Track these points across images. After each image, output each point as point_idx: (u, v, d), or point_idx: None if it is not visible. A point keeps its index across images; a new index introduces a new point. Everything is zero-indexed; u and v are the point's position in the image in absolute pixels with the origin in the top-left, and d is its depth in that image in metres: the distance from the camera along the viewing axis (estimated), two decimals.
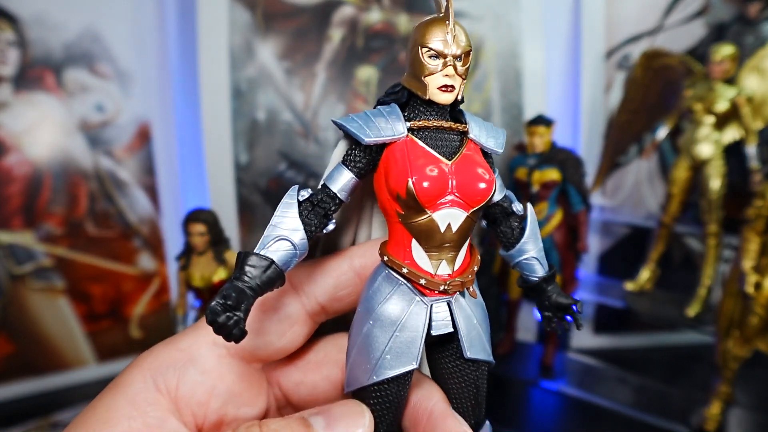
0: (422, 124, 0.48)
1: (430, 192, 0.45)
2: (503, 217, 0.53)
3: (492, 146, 0.50)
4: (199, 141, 1.72)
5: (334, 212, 0.49)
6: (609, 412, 1.49)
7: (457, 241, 0.47)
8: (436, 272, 0.47)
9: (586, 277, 1.86)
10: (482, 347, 0.49)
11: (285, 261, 0.46)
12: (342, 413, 0.45)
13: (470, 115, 0.50)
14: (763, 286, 1.22)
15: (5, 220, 1.58)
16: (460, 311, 0.48)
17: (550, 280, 0.53)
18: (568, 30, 1.95)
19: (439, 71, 0.47)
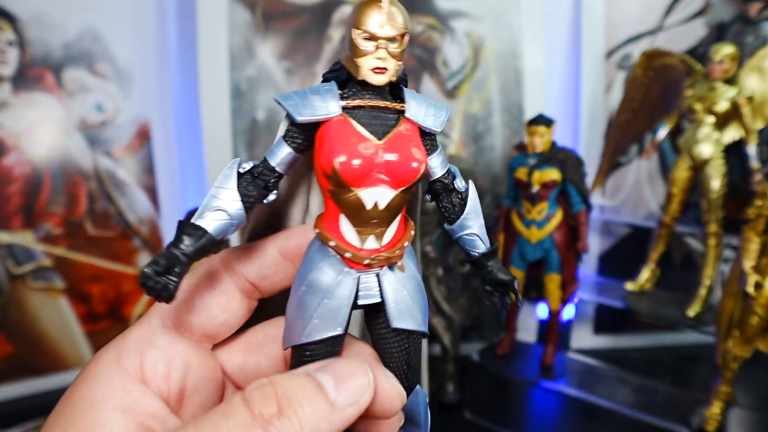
0: (357, 103, 0.48)
1: (354, 172, 0.46)
2: (445, 193, 0.55)
3: (430, 125, 0.50)
4: (199, 141, 1.72)
5: (274, 184, 0.51)
6: (609, 412, 1.49)
7: (384, 217, 0.49)
8: (362, 246, 0.49)
9: (586, 277, 1.86)
10: (411, 318, 0.51)
11: (220, 230, 0.49)
12: (348, 373, 0.46)
13: (412, 94, 0.50)
14: (764, 286, 1.22)
15: (4, 220, 1.58)
16: (389, 283, 0.50)
17: (491, 255, 0.55)
18: (568, 30, 1.95)
19: (372, 53, 0.47)
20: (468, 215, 0.54)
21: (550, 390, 1.59)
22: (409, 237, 0.51)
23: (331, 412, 0.43)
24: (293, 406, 0.42)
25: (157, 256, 0.47)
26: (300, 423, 0.41)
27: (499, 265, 0.55)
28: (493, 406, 1.64)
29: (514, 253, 1.58)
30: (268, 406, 0.41)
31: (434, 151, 0.52)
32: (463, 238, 0.55)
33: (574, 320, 1.88)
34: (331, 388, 0.44)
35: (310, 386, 0.44)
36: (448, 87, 1.86)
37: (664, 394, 1.54)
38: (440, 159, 0.53)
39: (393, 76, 0.48)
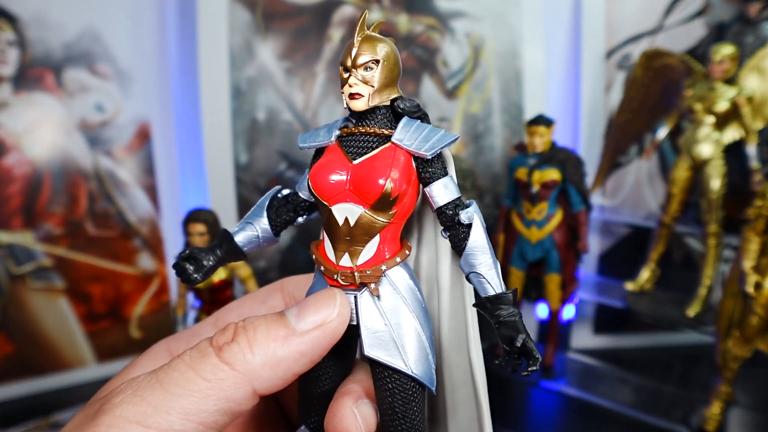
0: (348, 131, 0.53)
1: (322, 185, 0.51)
2: (452, 226, 0.52)
3: (418, 149, 0.51)
4: (199, 141, 1.72)
5: (303, 208, 0.58)
6: (609, 412, 1.49)
7: (357, 235, 0.51)
8: (338, 263, 0.52)
9: (586, 277, 1.86)
10: (387, 351, 0.50)
11: (246, 241, 0.57)
12: (313, 300, 0.48)
13: (409, 122, 0.53)
14: (764, 286, 1.22)
15: (5, 219, 1.58)
16: (366, 307, 0.52)
17: (497, 301, 0.49)
18: (568, 30, 1.95)
19: (347, 82, 0.51)
20: (470, 252, 0.50)
21: (550, 390, 1.59)
22: (392, 263, 0.52)
23: (288, 336, 0.45)
24: (246, 333, 0.45)
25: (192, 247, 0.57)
26: (250, 346, 0.44)
27: (510, 316, 0.49)
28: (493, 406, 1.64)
29: (514, 253, 1.58)
30: (224, 336, 0.45)
31: (435, 179, 0.52)
32: (470, 277, 0.51)
33: (574, 320, 1.88)
34: (293, 316, 0.46)
35: (271, 317, 0.47)
36: (448, 87, 1.86)
37: (663, 394, 1.54)
38: (443, 188, 0.52)
39: (370, 101, 0.51)
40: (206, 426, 0.42)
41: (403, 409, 0.51)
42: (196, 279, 0.56)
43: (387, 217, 0.51)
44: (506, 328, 0.49)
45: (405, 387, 0.51)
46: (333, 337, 0.47)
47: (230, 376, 0.43)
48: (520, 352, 0.48)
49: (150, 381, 0.43)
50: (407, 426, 0.51)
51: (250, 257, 1.75)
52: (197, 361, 0.43)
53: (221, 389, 0.42)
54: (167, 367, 0.44)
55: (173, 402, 0.41)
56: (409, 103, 0.53)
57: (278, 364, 0.44)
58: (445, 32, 1.84)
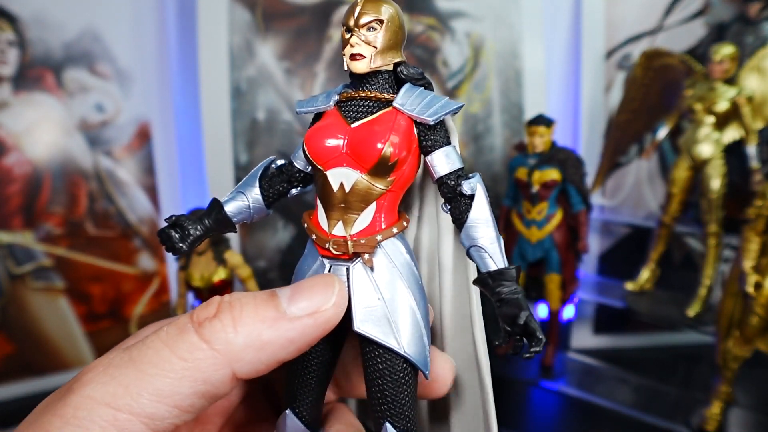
0: (348, 95, 0.51)
1: (317, 149, 0.49)
2: (454, 198, 0.50)
3: (420, 114, 0.48)
4: (199, 141, 1.72)
5: (298, 179, 0.55)
6: (609, 412, 1.49)
7: (352, 202, 0.49)
8: (330, 231, 0.49)
9: (586, 277, 1.86)
10: (380, 328, 0.47)
11: (236, 211, 0.55)
12: (310, 284, 0.44)
13: (412, 88, 0.51)
14: (764, 286, 1.22)
15: (5, 220, 1.58)
16: (359, 279, 0.48)
17: (500, 277, 0.46)
18: (568, 30, 1.95)
19: (348, 42, 0.49)
20: (472, 224, 0.47)
21: (550, 390, 1.59)
22: (389, 233, 0.49)
23: (278, 319, 0.41)
24: (231, 310, 0.41)
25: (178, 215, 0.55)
26: (233, 324, 0.40)
27: (513, 294, 0.45)
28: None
29: (514, 253, 1.58)
30: (207, 311, 0.41)
31: (437, 148, 0.49)
32: (471, 252, 0.48)
33: (574, 320, 1.88)
34: (285, 298, 0.43)
35: (261, 296, 0.43)
36: (448, 87, 1.86)
37: (663, 394, 1.54)
38: (445, 157, 0.50)
39: (372, 62, 0.49)
40: (181, 409, 0.39)
41: (393, 392, 0.48)
42: (181, 248, 0.53)
43: (384, 184, 0.48)
44: (508, 305, 0.45)
45: (396, 368, 0.48)
46: (325, 327, 0.43)
47: (209, 356, 0.39)
48: (522, 332, 0.44)
49: (122, 359, 0.39)
50: (396, 410, 0.48)
51: (250, 257, 1.75)
52: (174, 338, 0.39)
53: (198, 370, 0.38)
54: (141, 343, 0.40)
55: (145, 383, 0.38)
56: (413, 70, 0.51)
57: (262, 348, 0.40)
58: (445, 32, 1.84)
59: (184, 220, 0.54)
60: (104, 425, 0.37)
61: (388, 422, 0.48)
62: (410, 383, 0.49)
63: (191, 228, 0.54)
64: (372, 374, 0.48)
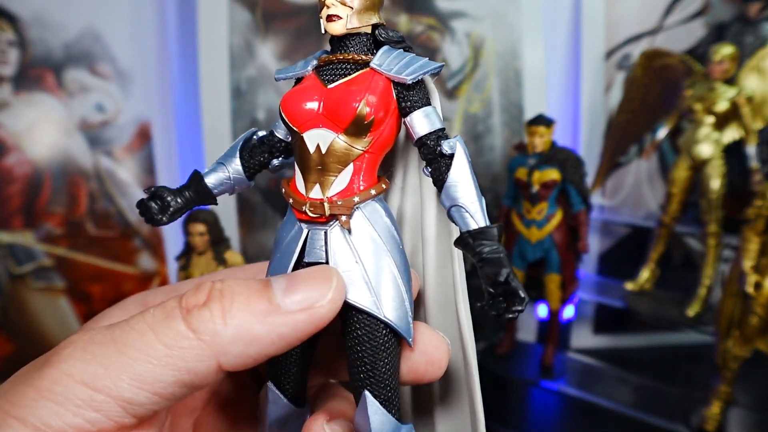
0: (326, 58, 0.51)
1: (293, 111, 0.49)
2: (434, 159, 0.48)
3: (398, 73, 0.48)
4: (199, 141, 1.72)
5: (279, 149, 0.55)
6: (609, 412, 1.49)
7: (329, 164, 0.48)
8: (307, 195, 0.49)
9: (586, 277, 1.86)
10: (359, 292, 0.45)
11: (217, 182, 0.55)
12: (307, 276, 0.42)
13: (390, 50, 0.50)
14: (763, 286, 1.22)
15: (5, 220, 1.58)
16: (336, 242, 0.47)
17: (480, 236, 0.44)
18: (568, 30, 1.95)
19: (324, 4, 0.49)
20: (453, 183, 0.46)
21: (549, 390, 1.59)
22: (366, 195, 0.48)
23: (270, 312, 0.39)
24: (221, 299, 0.39)
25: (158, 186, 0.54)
26: (222, 315, 0.38)
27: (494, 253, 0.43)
28: (493, 405, 1.64)
29: (514, 253, 1.58)
30: (196, 298, 0.39)
31: (415, 109, 0.49)
32: (452, 212, 0.46)
33: (574, 320, 1.88)
34: (279, 290, 0.40)
35: (254, 285, 0.40)
36: (448, 87, 1.86)
37: (663, 394, 1.54)
38: (424, 118, 0.49)
39: (348, 22, 0.49)
40: (161, 397, 0.37)
41: (372, 359, 0.46)
42: (160, 219, 0.52)
43: (362, 144, 0.48)
44: (489, 265, 0.43)
45: (376, 334, 0.46)
46: (319, 324, 0.41)
47: (194, 345, 0.37)
48: (504, 291, 0.42)
49: (105, 337, 0.38)
50: (376, 378, 0.46)
51: (250, 257, 1.75)
52: (160, 323, 0.38)
53: (182, 359, 0.37)
54: (126, 324, 0.38)
55: (126, 366, 0.36)
56: (392, 33, 0.51)
57: (251, 342, 0.38)
58: (445, 32, 1.84)
59: (164, 191, 0.53)
60: (80, 404, 0.36)
61: (368, 390, 0.46)
62: (391, 351, 0.47)
63: (171, 200, 0.53)
64: (351, 341, 0.47)
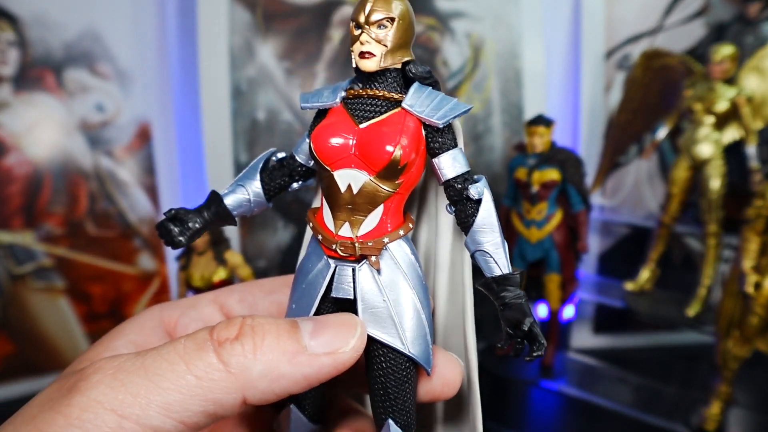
0: (355, 92, 0.50)
1: (325, 149, 0.48)
2: (460, 201, 0.50)
3: (429, 116, 0.48)
4: (199, 141, 1.72)
5: (299, 174, 0.55)
6: (609, 412, 1.49)
7: (360, 204, 0.48)
8: (337, 232, 0.49)
9: (586, 277, 1.86)
10: (385, 329, 0.47)
11: (237, 204, 0.54)
12: (333, 322, 0.44)
13: (421, 88, 0.50)
14: (763, 286, 1.22)
15: (5, 220, 1.58)
16: (365, 280, 0.49)
17: (503, 282, 0.47)
18: (568, 30, 1.95)
19: (358, 39, 0.48)
20: (479, 228, 0.48)
21: (549, 390, 1.59)
22: (395, 235, 0.49)
23: (298, 353, 0.41)
24: (253, 335, 0.40)
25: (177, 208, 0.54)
26: (254, 351, 0.40)
27: (516, 298, 0.46)
28: (493, 405, 1.64)
29: (514, 254, 1.58)
30: (228, 331, 0.41)
31: (444, 151, 0.50)
32: (476, 256, 0.49)
33: (573, 320, 1.88)
34: (307, 332, 0.42)
35: (284, 325, 0.42)
36: (448, 87, 1.86)
37: (663, 394, 1.54)
38: (452, 161, 0.50)
39: (382, 61, 0.48)
40: (186, 425, 0.38)
41: (396, 390, 0.48)
42: (180, 242, 0.52)
43: (392, 187, 0.48)
44: (511, 310, 0.46)
45: (401, 367, 0.48)
46: (341, 368, 0.43)
47: (224, 378, 0.39)
48: (525, 336, 0.45)
49: (134, 365, 0.39)
50: (399, 407, 0.49)
51: (250, 257, 1.75)
52: (192, 354, 0.39)
53: (211, 390, 0.38)
54: (156, 352, 0.39)
55: (156, 395, 0.37)
56: (421, 69, 0.51)
57: (278, 380, 0.40)
58: (445, 32, 1.84)
59: (184, 214, 0.53)
60: (108, 430, 0.36)
61: (391, 419, 0.48)
62: (412, 380, 0.50)
63: (190, 221, 0.53)
64: (376, 372, 0.49)
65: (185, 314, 0.53)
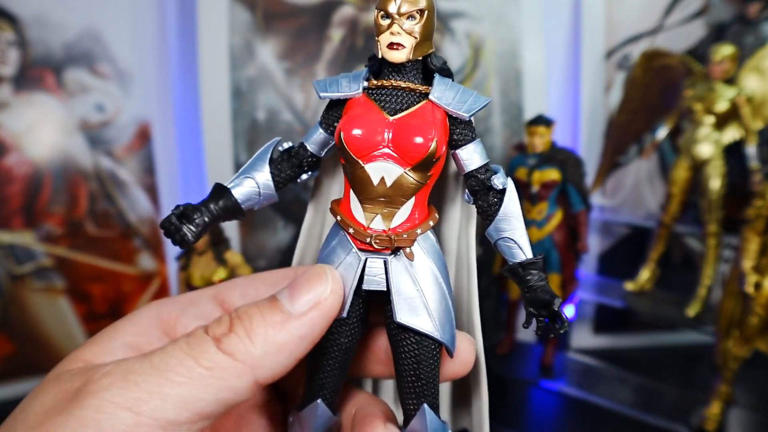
0: (379, 83, 0.50)
1: (358, 141, 0.48)
2: (482, 191, 0.52)
3: (456, 109, 0.49)
4: (199, 141, 1.72)
5: (309, 164, 0.54)
6: (609, 412, 1.49)
7: (393, 196, 0.49)
8: (369, 225, 0.49)
9: (586, 277, 1.86)
10: (419, 317, 0.49)
11: (246, 197, 0.53)
12: (304, 279, 0.46)
13: (443, 80, 0.51)
14: (763, 286, 1.22)
15: (5, 220, 1.58)
16: (398, 272, 0.49)
17: (529, 266, 0.49)
18: (568, 30, 1.95)
19: (387, 30, 0.48)
20: (504, 217, 0.50)
21: (549, 390, 1.59)
22: (426, 226, 0.50)
23: (285, 320, 0.43)
24: (242, 322, 0.43)
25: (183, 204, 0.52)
26: (248, 335, 0.42)
27: (540, 281, 0.49)
28: (493, 405, 1.64)
29: None
30: (221, 327, 0.43)
31: (467, 142, 0.51)
32: (499, 243, 0.50)
33: (574, 320, 1.88)
34: (285, 299, 0.44)
35: (263, 303, 0.45)
36: None
37: (663, 394, 1.54)
38: (475, 151, 0.51)
39: (411, 54, 0.48)
40: (201, 416, 0.40)
41: (428, 375, 0.50)
42: (189, 239, 0.51)
43: (424, 179, 0.49)
44: (537, 292, 0.48)
45: (433, 353, 0.50)
46: (330, 315, 0.45)
47: (231, 365, 0.41)
48: (550, 315, 0.48)
49: (143, 365, 0.41)
50: (431, 390, 0.50)
51: (250, 257, 1.75)
52: (196, 350, 0.41)
53: (222, 378, 0.41)
54: (162, 352, 0.42)
55: (171, 389, 0.39)
56: (441, 60, 0.52)
57: (279, 351, 0.43)
58: (445, 32, 1.84)
59: (191, 210, 0.52)
60: (124, 429, 0.38)
61: (426, 403, 0.50)
62: (439, 364, 0.51)
63: (198, 217, 0.52)
64: (408, 360, 0.50)
65: (185, 312, 0.53)
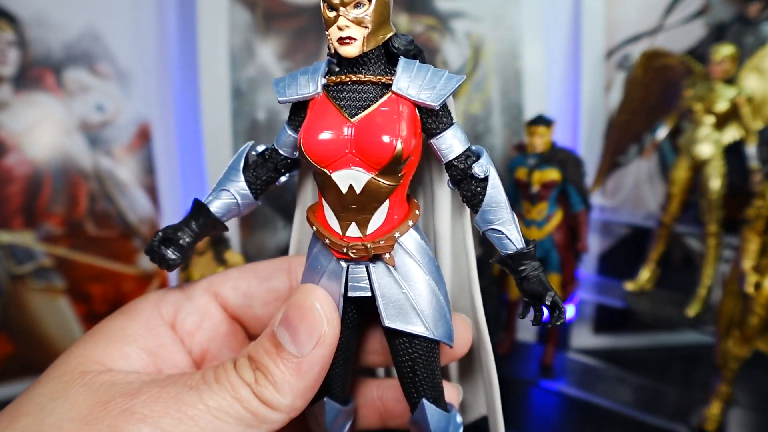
0: (338, 79, 0.46)
1: (319, 150, 0.44)
2: (464, 180, 0.48)
3: (424, 99, 0.45)
4: (199, 141, 1.72)
5: (285, 166, 0.52)
6: (609, 412, 1.49)
7: (365, 203, 0.45)
8: (344, 234, 0.47)
9: (586, 277, 1.86)
10: (406, 319, 0.47)
11: (224, 209, 0.52)
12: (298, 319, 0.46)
13: (408, 65, 0.46)
14: (763, 286, 1.22)
15: (5, 220, 1.58)
16: (381, 276, 0.47)
17: (520, 258, 0.47)
18: (568, 30, 1.95)
19: (334, 23, 0.44)
20: (488, 207, 0.47)
21: (549, 390, 1.59)
22: (404, 228, 0.47)
23: (299, 364, 0.45)
24: (265, 374, 0.45)
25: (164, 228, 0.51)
26: (275, 388, 0.45)
27: (534, 270, 0.47)
28: None
29: None
30: (249, 374, 0.45)
31: (442, 131, 0.47)
32: (488, 234, 0.48)
33: (574, 320, 1.88)
34: (288, 343, 0.45)
35: (271, 352, 0.46)
36: None
37: (663, 394, 1.54)
38: (452, 139, 0.47)
39: (365, 45, 0.44)
40: None
41: (425, 372, 0.49)
42: (174, 263, 0.50)
43: (396, 180, 0.46)
44: (531, 283, 0.46)
45: (427, 352, 0.49)
46: (334, 342, 0.47)
47: (270, 411, 0.45)
48: (546, 306, 0.47)
49: (192, 398, 0.43)
50: (430, 385, 0.50)
51: (250, 257, 1.75)
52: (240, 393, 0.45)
53: (265, 422, 0.45)
54: (210, 390, 0.44)
55: (221, 425, 0.43)
56: (404, 41, 0.47)
57: (306, 391, 0.46)
58: (445, 32, 1.84)
59: (172, 233, 0.51)
60: None
61: (425, 398, 0.49)
62: (437, 358, 0.50)
63: (180, 239, 0.51)
64: (404, 360, 0.49)
65: (181, 308, 0.53)
